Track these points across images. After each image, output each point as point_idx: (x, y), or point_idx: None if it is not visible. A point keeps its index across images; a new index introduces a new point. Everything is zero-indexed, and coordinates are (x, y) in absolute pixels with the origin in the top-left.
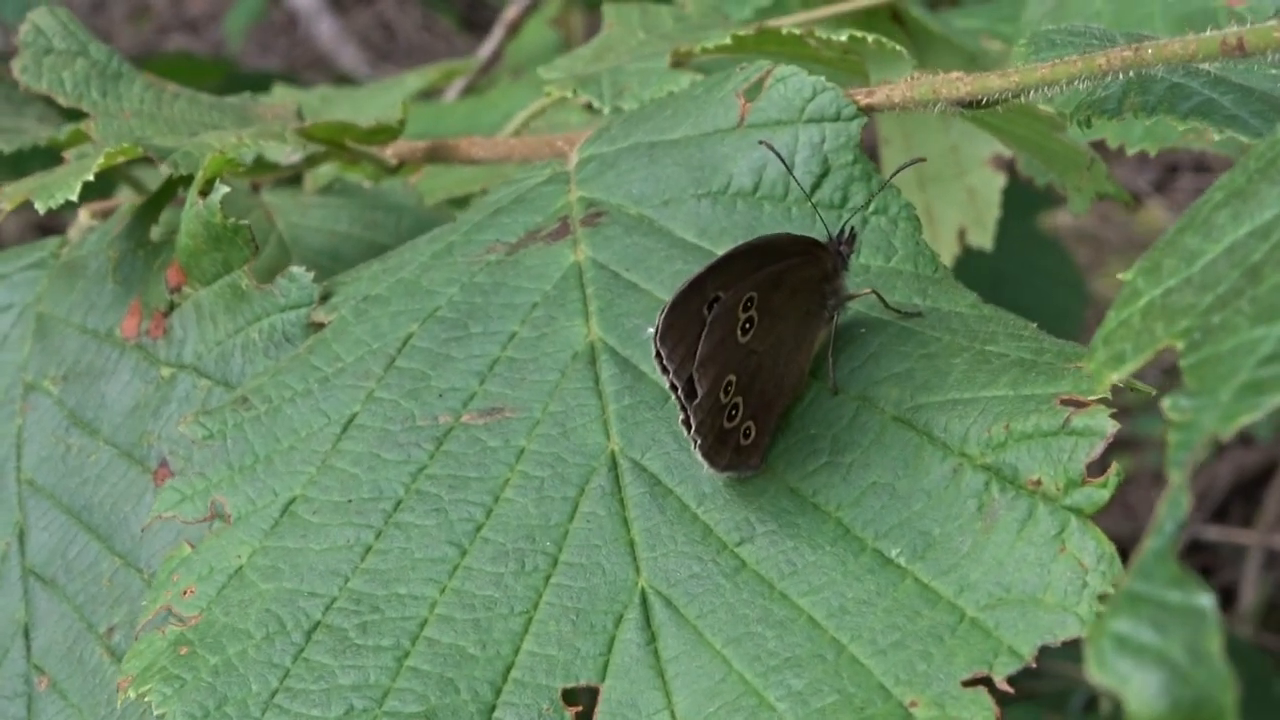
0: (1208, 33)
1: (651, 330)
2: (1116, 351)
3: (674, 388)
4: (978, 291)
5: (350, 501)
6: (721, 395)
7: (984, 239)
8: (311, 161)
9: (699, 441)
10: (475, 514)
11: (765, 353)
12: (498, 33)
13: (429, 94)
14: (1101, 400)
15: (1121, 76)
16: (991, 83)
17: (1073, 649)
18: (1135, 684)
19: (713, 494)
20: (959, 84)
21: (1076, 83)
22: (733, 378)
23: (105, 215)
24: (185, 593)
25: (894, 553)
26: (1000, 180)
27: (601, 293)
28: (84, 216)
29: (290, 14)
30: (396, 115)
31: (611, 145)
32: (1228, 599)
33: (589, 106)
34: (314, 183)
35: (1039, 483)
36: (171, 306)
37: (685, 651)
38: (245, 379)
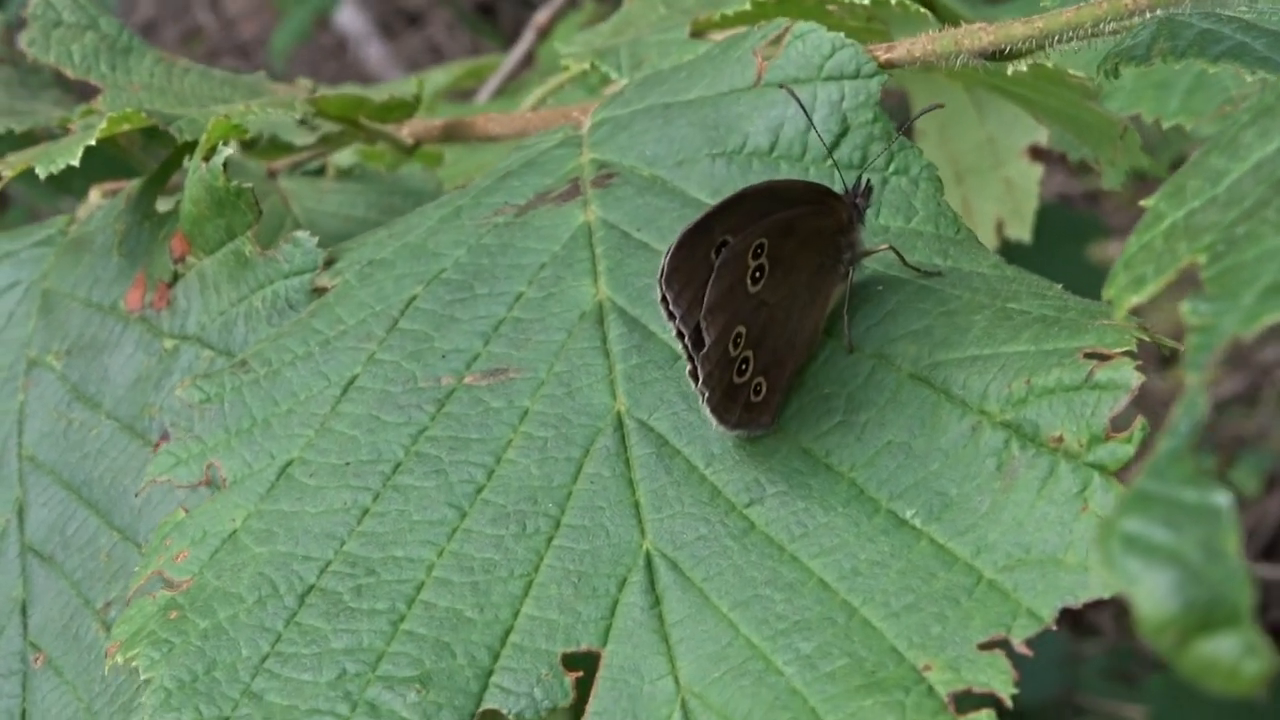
0: None
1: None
2: (1137, 275)
3: (680, 335)
4: None
5: (348, 464)
6: (730, 347)
7: (1022, 231)
8: (327, 141)
9: (706, 395)
10: (476, 476)
11: (777, 305)
12: (528, 36)
13: (460, 95)
14: (1126, 353)
15: (1149, 16)
16: (1015, 30)
17: None
18: (1145, 583)
19: (721, 455)
20: (981, 33)
21: (1103, 25)
22: (742, 329)
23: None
24: (177, 557)
25: (909, 514)
26: (1038, 171)
27: (611, 252)
28: (95, 195)
29: (339, 38)
30: (411, 90)
31: (626, 108)
32: (1278, 638)
33: (606, 78)
34: (335, 172)
35: (1061, 439)
36: (175, 277)
37: (690, 615)
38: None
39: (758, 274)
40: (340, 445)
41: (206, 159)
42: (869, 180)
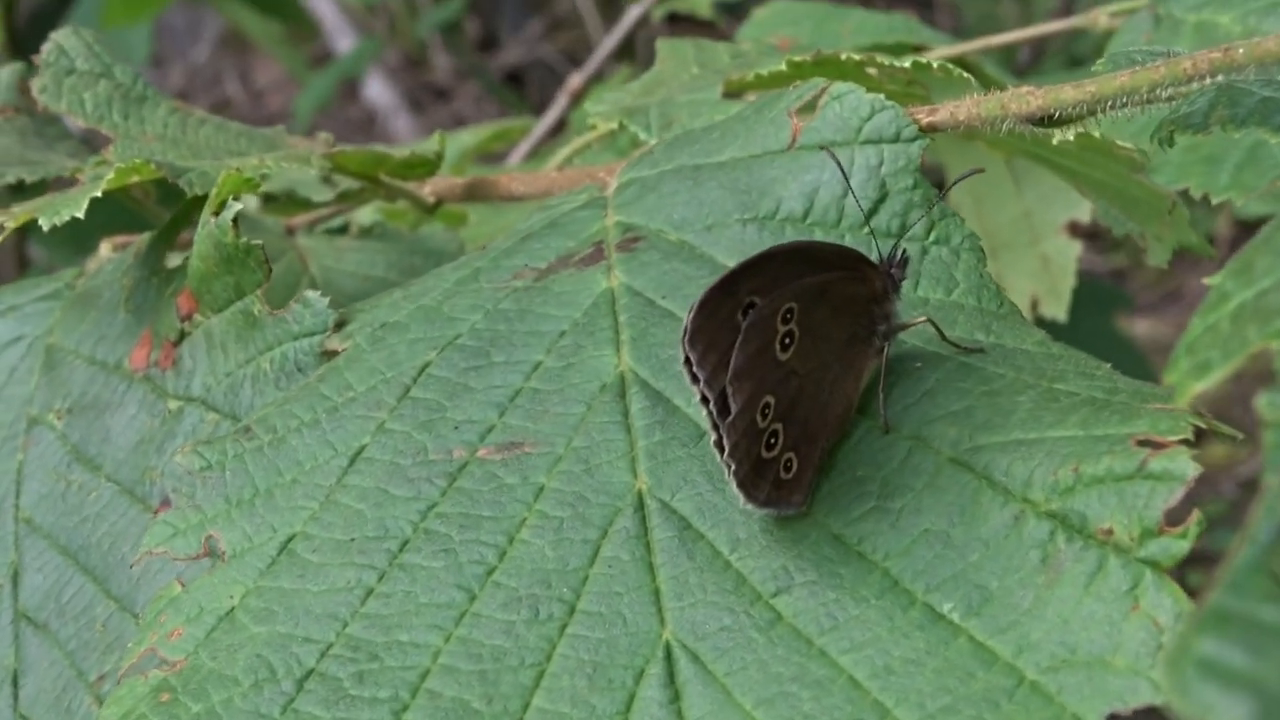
0: None
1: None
2: (1201, 360)
3: (705, 400)
4: None
5: (353, 540)
6: (759, 417)
7: (1058, 309)
8: (346, 198)
9: (733, 467)
10: (487, 556)
11: (808, 376)
12: (561, 101)
13: (488, 159)
14: (1183, 441)
15: (1209, 81)
16: (1065, 95)
17: None
18: (1222, 713)
19: (748, 540)
20: (1029, 97)
21: (1160, 91)
22: (771, 399)
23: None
24: (171, 635)
25: (946, 608)
26: (1076, 248)
27: (635, 321)
28: (105, 249)
29: (368, 111)
30: (433, 146)
31: (653, 169)
32: None
33: (635, 139)
34: (355, 230)
35: (1110, 532)
36: (182, 336)
37: (711, 711)
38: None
39: (787, 340)
40: (345, 520)
41: (216, 214)
42: (905, 250)
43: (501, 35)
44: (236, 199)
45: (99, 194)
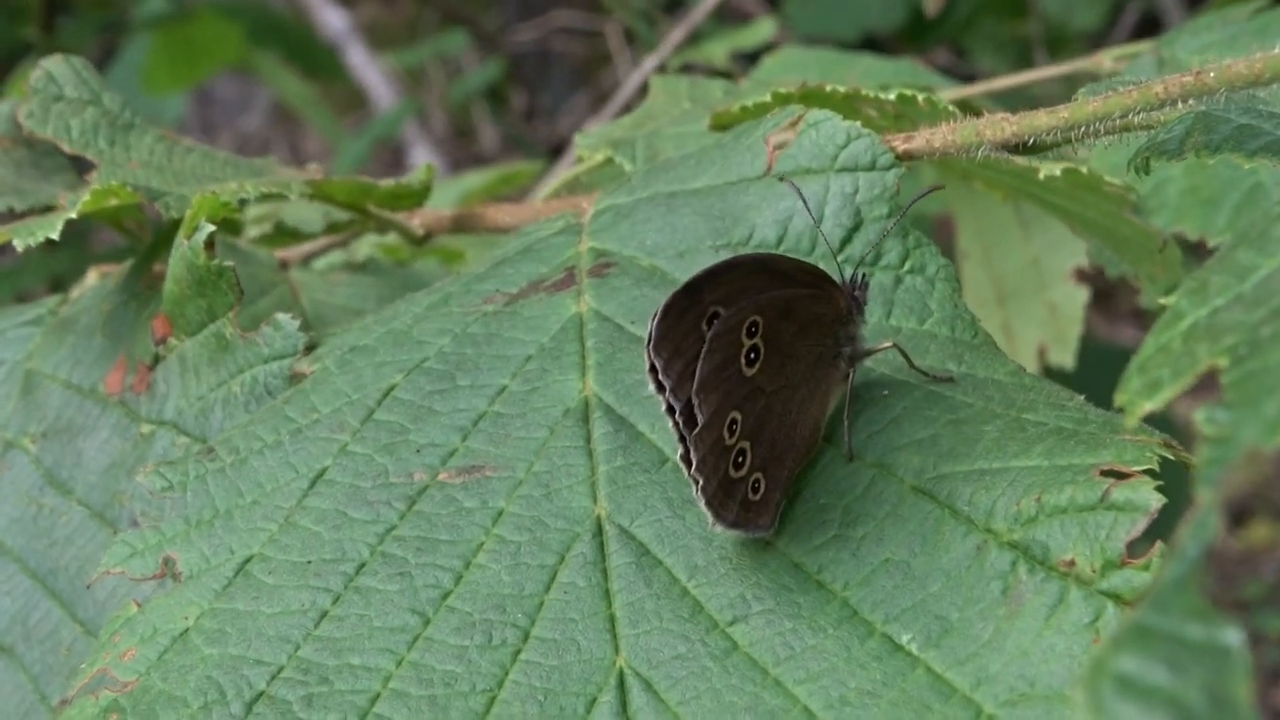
0: (1276, 50)
1: (649, 390)
2: (1152, 379)
3: (670, 410)
4: None
5: (310, 563)
6: (726, 433)
7: (1065, 357)
8: (336, 229)
9: (700, 483)
10: (443, 580)
11: (774, 395)
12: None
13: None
14: (1147, 471)
15: (1182, 106)
16: (1039, 121)
17: None
18: None
19: (706, 567)
20: (1004, 124)
21: (1133, 116)
22: (738, 416)
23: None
24: (124, 655)
25: (905, 638)
26: (1083, 295)
27: (602, 346)
28: (92, 276)
29: (396, 152)
30: (420, 177)
31: (630, 196)
32: None
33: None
34: (349, 265)
35: (1072, 563)
36: (157, 359)
37: None
38: None
39: (752, 355)
40: (303, 542)
41: (190, 237)
42: (865, 273)
43: (547, 107)
44: (212, 222)
45: (74, 215)
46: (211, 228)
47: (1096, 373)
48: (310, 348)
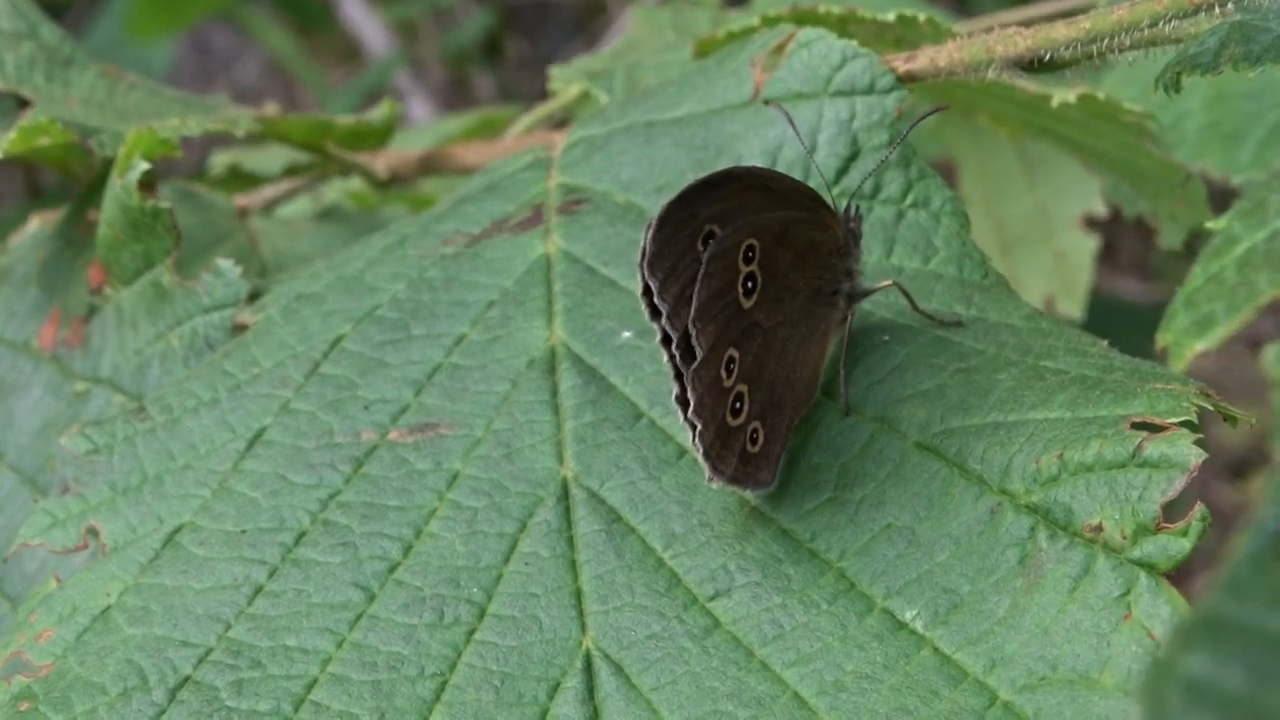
0: None
1: (627, 334)
2: (1203, 314)
3: (666, 341)
4: None
5: (244, 532)
6: (724, 373)
7: (1073, 308)
8: (294, 172)
9: (699, 428)
10: (390, 551)
11: (772, 332)
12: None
13: None
14: (1184, 423)
15: (1219, 13)
16: (1057, 33)
17: None
18: None
19: (684, 534)
20: (1017, 38)
21: (1164, 26)
22: (735, 354)
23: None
24: (41, 636)
25: (909, 615)
26: (1092, 243)
27: (571, 289)
28: (34, 223)
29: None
30: (381, 114)
31: (604, 127)
32: None
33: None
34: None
35: (1099, 528)
36: (92, 311)
37: None
38: None
39: (749, 284)
40: (238, 509)
41: (124, 175)
42: (858, 205)
43: (545, 56)
44: (149, 160)
45: None
46: (146, 165)
47: (1098, 327)
48: (255, 296)
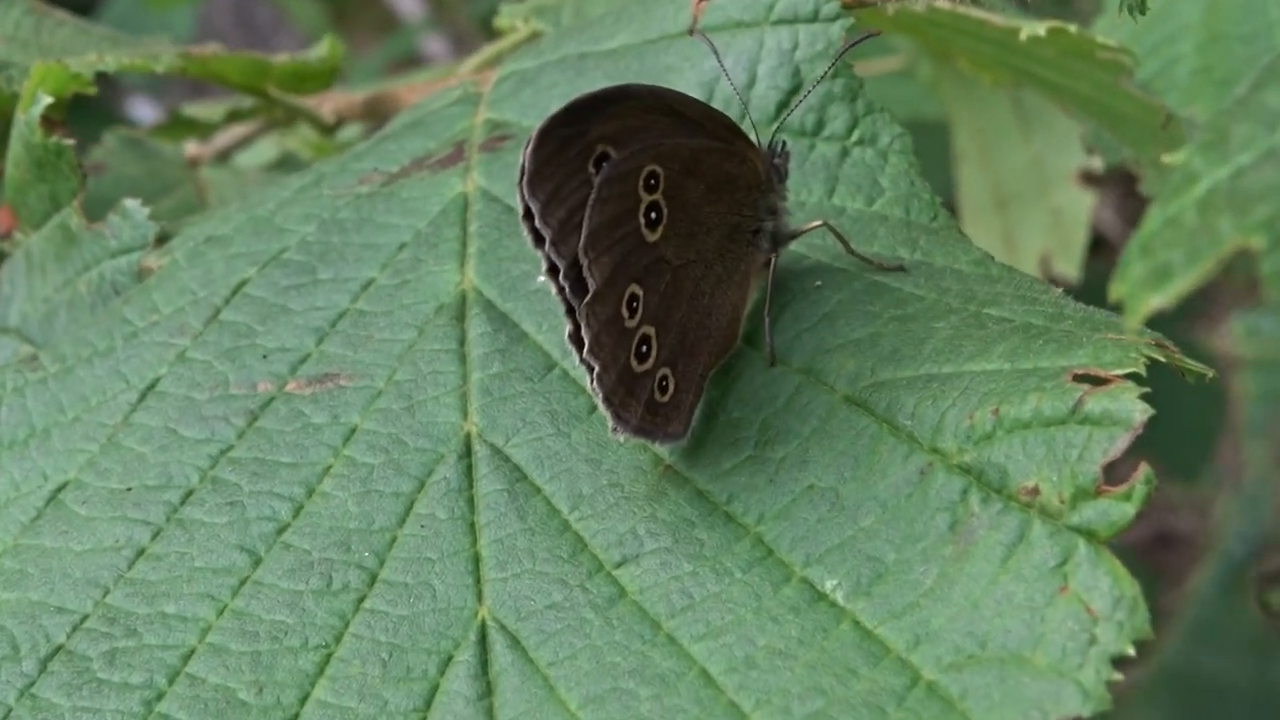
0: None
1: (544, 278)
2: (1159, 264)
3: (553, 271)
4: None
5: (130, 490)
6: (624, 311)
7: (1070, 266)
8: (236, 116)
9: (596, 371)
10: (280, 511)
11: (683, 271)
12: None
13: None
14: (1130, 375)
15: None
16: None
17: None
18: None
19: (593, 495)
20: None
21: None
22: (638, 291)
23: None
24: None
25: (829, 585)
26: (1088, 199)
27: (487, 230)
28: None
29: None
30: (321, 53)
31: (536, 60)
32: None
33: None
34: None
35: (1035, 491)
36: (1, 257)
37: (528, 711)
38: None
39: (653, 215)
40: (125, 465)
41: (27, 110)
42: (785, 141)
43: None
44: (57, 95)
45: None
46: (49, 99)
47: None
48: (164, 239)
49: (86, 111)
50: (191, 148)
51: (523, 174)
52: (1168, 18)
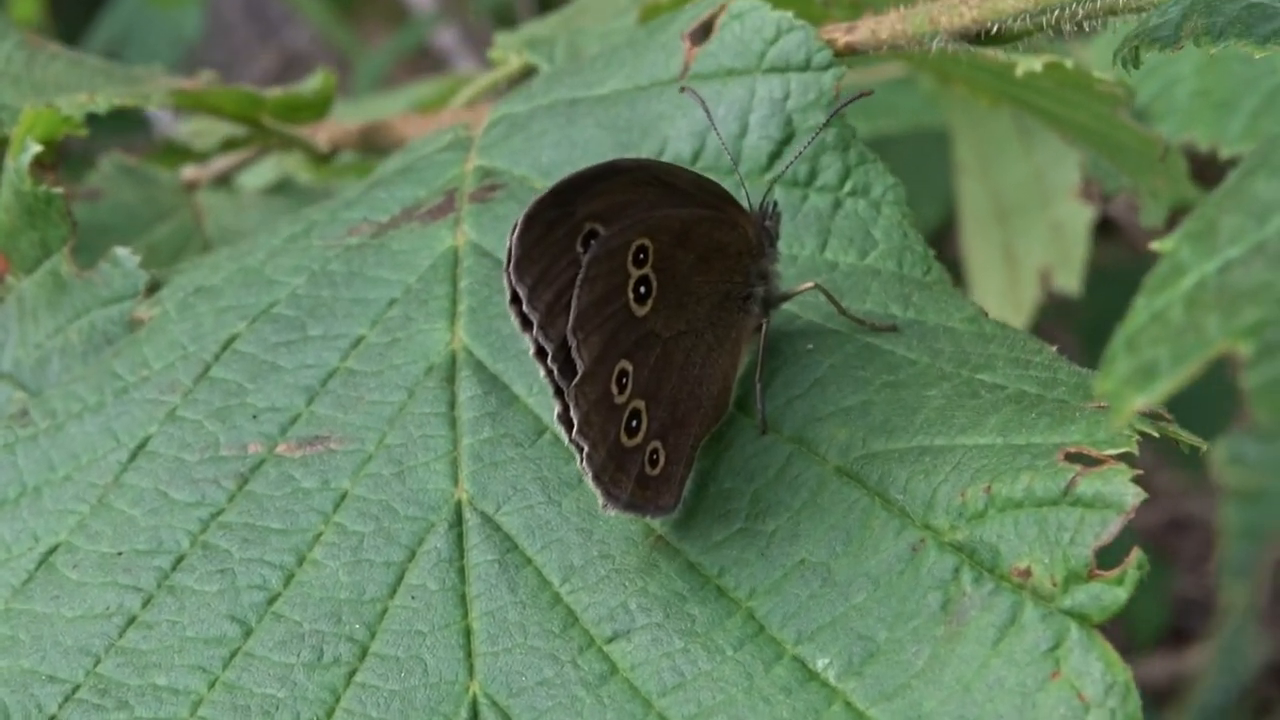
0: None
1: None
2: (1145, 362)
3: (541, 354)
4: None
5: (120, 554)
6: (614, 388)
7: (1070, 280)
8: (231, 146)
9: (585, 451)
10: (270, 580)
11: (673, 342)
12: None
13: None
14: (1123, 456)
15: None
16: (1004, 4)
17: None
18: None
19: (584, 567)
20: (962, 9)
21: None
22: (628, 366)
23: None
24: None
25: (821, 664)
26: (1088, 213)
27: (478, 287)
28: None
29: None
30: (314, 85)
31: (527, 104)
32: None
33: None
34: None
35: (1028, 573)
36: None
37: None
38: None
39: (643, 289)
40: (116, 528)
41: (17, 157)
42: (776, 202)
43: None
44: (47, 141)
45: None
46: (38, 147)
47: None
48: (155, 287)
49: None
50: (189, 171)
51: (509, 259)
52: None
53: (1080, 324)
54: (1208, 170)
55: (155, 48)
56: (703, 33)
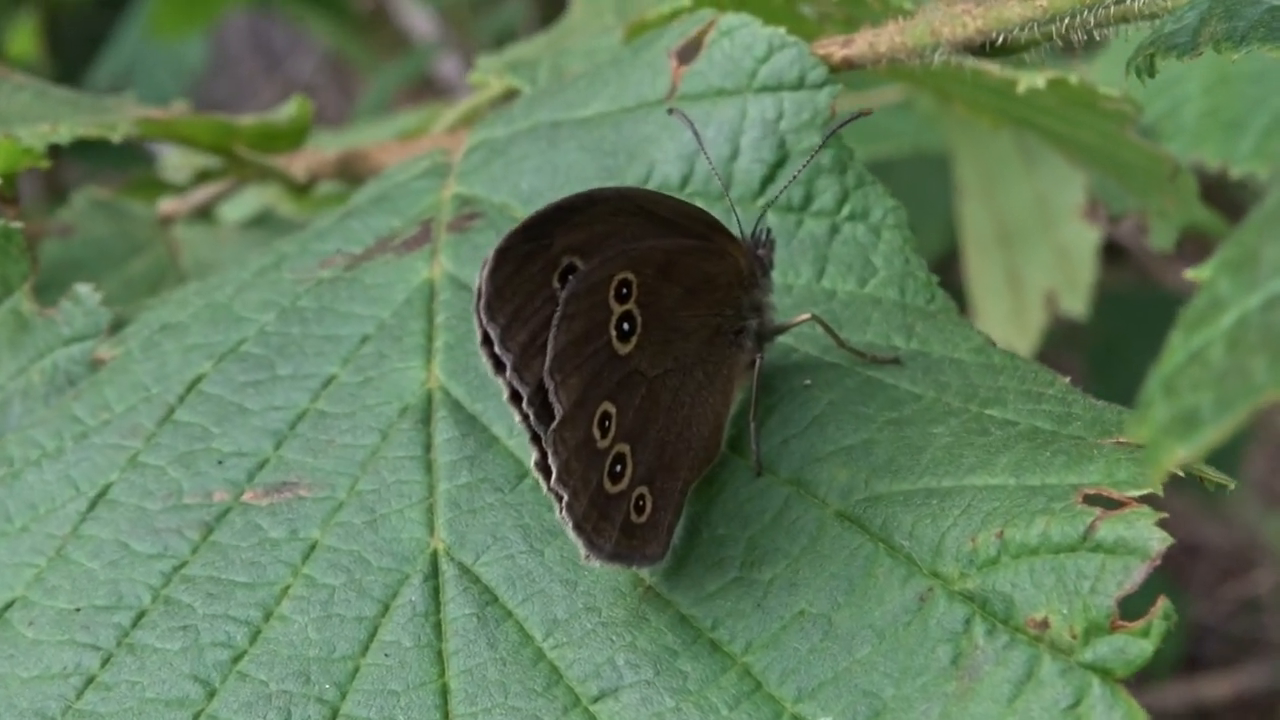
0: None
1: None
2: (1186, 409)
3: (515, 399)
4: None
5: (79, 611)
6: (595, 432)
7: (1076, 304)
8: (206, 177)
9: (565, 500)
10: (235, 637)
11: (659, 382)
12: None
13: None
14: (1145, 498)
15: None
16: (1010, 13)
17: None
18: None
19: (568, 621)
20: (965, 19)
21: (1132, 1)
22: (611, 409)
23: None
24: None
25: None
26: (1094, 235)
27: (454, 322)
28: None
29: (441, 94)
30: (289, 113)
31: (507, 128)
32: None
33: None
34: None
35: (1045, 624)
36: None
37: None
38: None
39: (626, 327)
40: (74, 583)
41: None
42: (769, 229)
43: None
44: (5, 174)
45: None
46: None
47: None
48: (119, 326)
49: None
50: (167, 204)
51: (479, 297)
52: None
53: (1088, 348)
54: (1216, 191)
55: (160, 81)
56: (691, 50)
